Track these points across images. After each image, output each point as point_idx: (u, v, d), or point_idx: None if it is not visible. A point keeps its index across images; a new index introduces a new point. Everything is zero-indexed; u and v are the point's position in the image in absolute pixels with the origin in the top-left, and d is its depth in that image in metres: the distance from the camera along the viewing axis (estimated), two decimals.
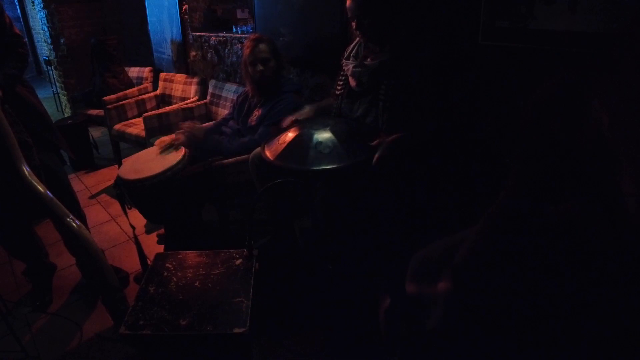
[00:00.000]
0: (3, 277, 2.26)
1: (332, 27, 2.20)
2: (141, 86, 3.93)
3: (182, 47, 3.79)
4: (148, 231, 2.57)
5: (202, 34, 3.54)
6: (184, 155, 1.96)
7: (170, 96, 3.72)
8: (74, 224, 1.42)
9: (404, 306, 1.22)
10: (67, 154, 2.09)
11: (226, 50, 3.27)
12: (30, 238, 2.05)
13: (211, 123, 2.50)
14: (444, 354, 1.12)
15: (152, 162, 1.95)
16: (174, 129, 2.28)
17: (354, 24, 1.60)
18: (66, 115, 4.90)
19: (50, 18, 4.54)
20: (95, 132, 4.13)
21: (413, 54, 1.58)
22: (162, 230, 2.48)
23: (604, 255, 0.86)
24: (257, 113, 2.15)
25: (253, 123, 2.14)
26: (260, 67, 2.08)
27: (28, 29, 7.44)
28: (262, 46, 2.08)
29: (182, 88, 3.61)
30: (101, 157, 3.88)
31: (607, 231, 0.87)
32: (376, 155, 1.44)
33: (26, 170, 1.43)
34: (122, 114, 3.47)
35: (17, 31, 1.79)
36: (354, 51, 1.73)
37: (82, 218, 1.99)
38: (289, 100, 2.07)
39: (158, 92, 3.83)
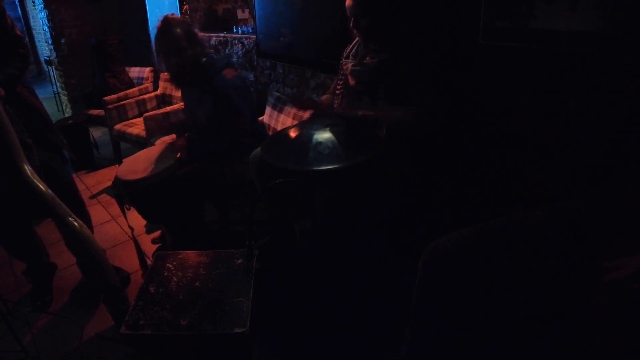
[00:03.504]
0: (3, 277, 2.26)
1: (332, 27, 2.20)
2: (142, 86, 3.93)
3: None
4: (148, 231, 2.57)
5: (202, 34, 3.53)
6: (183, 154, 1.96)
7: (170, 96, 3.72)
8: (75, 224, 1.42)
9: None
10: (68, 154, 2.09)
11: (226, 51, 3.27)
12: (31, 238, 2.05)
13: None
14: (450, 354, 1.12)
15: (150, 162, 1.95)
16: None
17: (352, 23, 1.60)
18: (66, 115, 4.90)
19: (50, 18, 4.54)
20: (96, 132, 4.13)
21: (413, 54, 1.58)
22: (157, 234, 2.48)
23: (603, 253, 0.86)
24: (201, 113, 2.00)
25: (202, 125, 2.02)
26: (173, 60, 1.81)
27: (29, 29, 7.43)
28: (176, 31, 1.79)
29: None
30: (102, 157, 3.88)
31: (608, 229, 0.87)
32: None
33: (28, 169, 1.43)
34: (122, 114, 3.47)
35: (19, 32, 1.79)
36: (353, 50, 1.73)
37: (86, 218, 1.99)
38: (222, 89, 1.88)
39: (159, 92, 3.83)
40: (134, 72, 4.14)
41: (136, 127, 3.25)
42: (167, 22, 1.82)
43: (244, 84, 1.99)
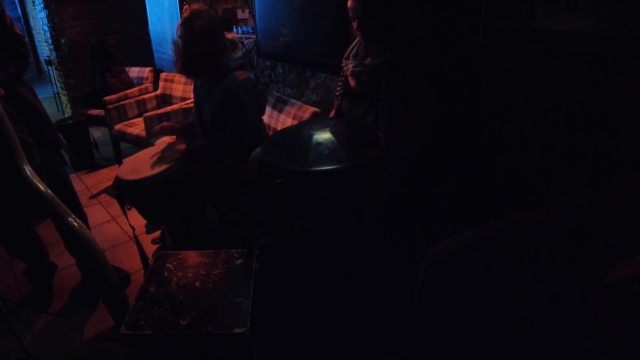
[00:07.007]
0: (4, 277, 2.26)
1: (332, 27, 2.20)
2: (142, 86, 3.94)
3: None
4: (148, 231, 2.57)
5: None
6: (182, 155, 1.96)
7: (170, 96, 3.72)
8: (75, 224, 1.42)
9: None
10: (68, 154, 2.09)
11: None
12: (31, 238, 2.05)
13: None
14: (453, 356, 1.12)
15: (150, 162, 1.95)
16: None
17: (355, 24, 1.60)
18: (67, 115, 4.90)
19: (50, 18, 4.55)
20: (96, 132, 4.13)
21: (413, 54, 1.58)
22: (157, 234, 2.48)
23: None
24: (207, 108, 2.04)
25: (207, 120, 2.05)
26: (186, 50, 1.90)
27: (29, 29, 7.44)
28: (198, 23, 1.85)
29: (183, 88, 3.61)
30: (102, 157, 3.88)
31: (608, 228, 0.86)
32: None
33: (28, 169, 1.43)
34: (122, 114, 3.48)
35: (18, 31, 1.79)
36: (354, 51, 1.73)
37: (83, 218, 1.99)
38: (232, 88, 1.90)
39: (158, 92, 3.83)
40: (134, 72, 4.14)
41: (136, 127, 3.26)
42: (193, 12, 1.88)
43: (254, 87, 2.00)
